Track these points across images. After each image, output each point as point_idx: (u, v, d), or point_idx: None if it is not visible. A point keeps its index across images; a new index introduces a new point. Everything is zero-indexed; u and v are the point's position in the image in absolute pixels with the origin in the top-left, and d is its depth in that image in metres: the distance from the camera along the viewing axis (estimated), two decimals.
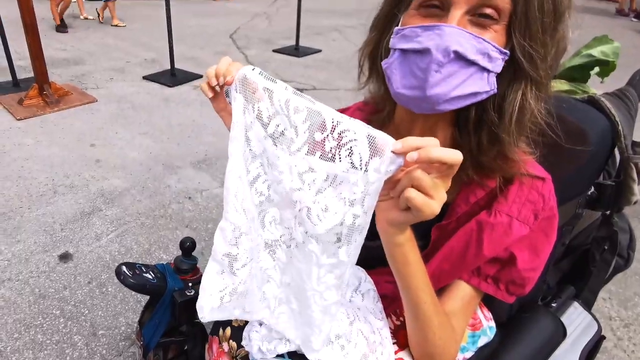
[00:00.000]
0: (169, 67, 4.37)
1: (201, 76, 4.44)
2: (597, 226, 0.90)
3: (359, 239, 0.52)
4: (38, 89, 3.67)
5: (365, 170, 0.47)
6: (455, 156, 0.44)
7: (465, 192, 0.65)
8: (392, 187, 0.48)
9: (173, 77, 4.34)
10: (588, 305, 0.91)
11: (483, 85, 0.56)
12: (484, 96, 0.58)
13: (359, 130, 0.47)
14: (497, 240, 0.62)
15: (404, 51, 0.57)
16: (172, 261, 1.01)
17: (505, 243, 0.62)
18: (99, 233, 2.22)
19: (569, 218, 0.80)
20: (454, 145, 0.66)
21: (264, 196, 0.62)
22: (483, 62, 0.55)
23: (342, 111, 0.86)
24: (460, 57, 0.54)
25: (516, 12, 0.53)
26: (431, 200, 0.46)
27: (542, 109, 0.60)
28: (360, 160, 0.47)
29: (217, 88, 0.61)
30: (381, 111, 0.72)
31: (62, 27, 5.97)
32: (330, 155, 0.50)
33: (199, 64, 4.84)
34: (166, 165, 2.84)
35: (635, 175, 0.76)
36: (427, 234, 0.67)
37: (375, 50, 0.67)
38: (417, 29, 0.56)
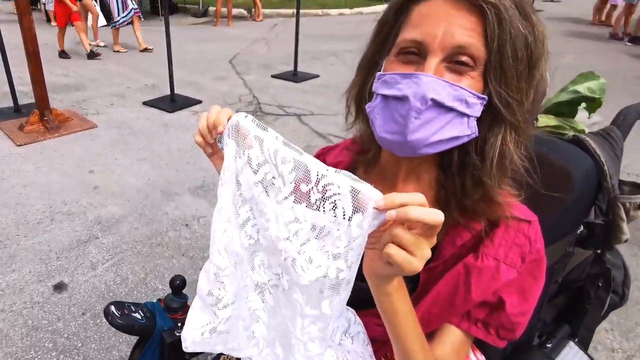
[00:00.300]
0: (169, 93, 4.43)
1: (201, 102, 4.49)
2: (590, 263, 0.90)
3: (344, 294, 0.51)
4: (39, 115, 3.71)
5: (349, 225, 0.47)
6: (435, 217, 0.44)
7: (451, 235, 0.65)
8: (377, 239, 0.49)
9: (173, 102, 4.39)
10: (584, 344, 0.90)
11: (463, 130, 0.58)
12: (466, 139, 0.59)
13: (342, 184, 0.47)
14: (485, 284, 0.61)
15: (385, 97, 0.59)
16: (163, 298, 1.00)
17: (494, 287, 0.62)
18: (94, 262, 2.20)
19: (560, 256, 0.80)
20: (438, 187, 0.66)
21: (254, 239, 0.62)
22: (461, 107, 0.56)
23: (331, 149, 0.86)
24: (437, 104, 0.55)
25: (491, 60, 0.55)
26: (412, 257, 0.46)
27: (522, 153, 0.61)
28: (344, 215, 0.48)
29: (210, 140, 0.62)
30: (368, 151, 0.72)
31: (64, 54, 6.14)
32: (315, 207, 0.50)
33: (198, 89, 4.90)
34: (164, 192, 2.85)
35: (623, 215, 0.77)
36: (416, 276, 0.67)
37: (360, 93, 0.68)
38: (396, 76, 0.58)
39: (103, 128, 3.83)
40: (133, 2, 6.38)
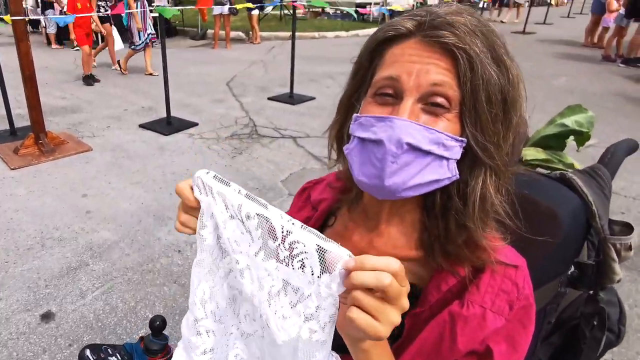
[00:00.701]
0: (165, 115, 4.44)
1: (197, 124, 4.51)
2: (584, 302, 0.87)
3: (320, 356, 0.49)
4: (34, 138, 3.71)
5: (318, 285, 0.46)
6: (388, 265, 0.44)
7: (436, 280, 0.63)
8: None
9: (169, 125, 4.40)
10: None
11: (443, 173, 0.57)
12: (446, 182, 0.58)
13: (308, 242, 0.46)
14: (472, 333, 0.59)
15: (362, 139, 0.58)
16: (143, 338, 0.97)
17: (480, 336, 0.59)
18: (84, 290, 2.16)
19: (552, 297, 0.78)
20: (422, 229, 0.65)
21: (237, 290, 0.61)
22: (439, 150, 0.55)
23: (316, 183, 0.85)
24: (414, 148, 0.55)
25: (465, 103, 0.55)
26: (376, 322, 0.44)
27: (503, 196, 0.59)
28: (312, 274, 0.46)
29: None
30: (350, 190, 0.71)
31: (91, 78, 6.02)
32: (285, 264, 0.48)
33: (195, 111, 4.92)
34: (157, 217, 2.82)
35: (614, 255, 0.75)
36: (401, 322, 0.65)
37: (340, 133, 0.68)
38: (371, 119, 0.57)
39: (98, 151, 3.83)
40: (151, 26, 6.30)
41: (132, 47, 6.38)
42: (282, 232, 0.47)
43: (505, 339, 0.60)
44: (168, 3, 5.98)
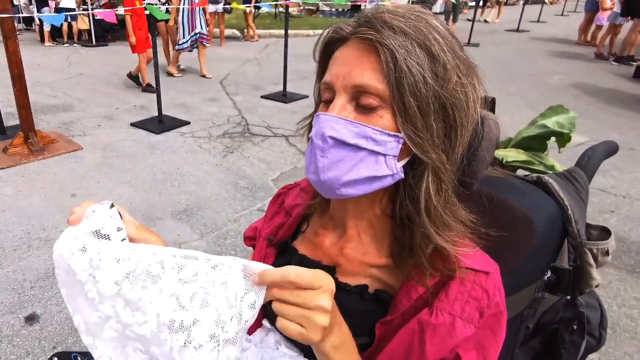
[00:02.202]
0: (157, 114, 4.41)
1: (189, 123, 4.48)
2: (564, 305, 0.86)
3: None
4: (23, 138, 3.67)
5: (241, 307, 0.46)
6: (287, 276, 0.46)
7: (407, 287, 0.61)
8: None
9: (161, 123, 4.37)
10: None
11: (380, 169, 0.56)
12: (390, 180, 0.57)
13: (232, 263, 0.46)
14: (441, 342, 0.58)
15: (309, 139, 0.61)
16: None
17: (450, 345, 0.58)
18: None
19: (529, 302, 0.77)
20: (392, 238, 0.63)
21: (119, 332, 0.54)
22: (369, 145, 0.55)
23: (291, 188, 0.84)
24: (339, 142, 0.55)
25: (393, 98, 0.54)
26: (302, 328, 0.47)
27: (449, 199, 0.58)
28: (236, 295, 0.46)
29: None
30: (318, 195, 0.70)
31: (150, 87, 5.45)
32: (204, 289, 0.47)
33: (188, 110, 4.89)
34: (146, 216, 2.80)
35: (591, 261, 0.73)
36: (372, 330, 0.63)
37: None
38: (315, 118, 0.60)
39: (88, 150, 3.79)
40: (202, 25, 5.81)
41: (177, 47, 5.93)
42: (205, 258, 0.47)
43: (475, 347, 0.59)
44: (159, 1, 5.78)
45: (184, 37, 5.79)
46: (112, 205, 0.56)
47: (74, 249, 0.51)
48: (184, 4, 5.53)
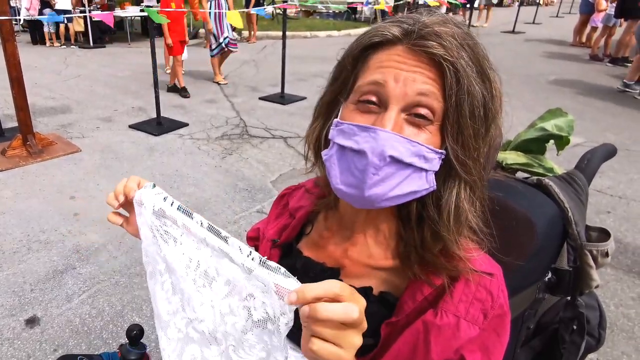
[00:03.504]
0: (155, 116, 4.41)
1: (187, 124, 4.48)
2: (563, 307, 0.87)
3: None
4: (22, 140, 3.66)
5: (279, 325, 0.46)
6: (345, 315, 0.43)
7: (412, 289, 0.62)
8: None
9: (159, 125, 4.37)
10: None
11: (422, 184, 0.57)
12: (424, 193, 0.58)
13: (267, 280, 0.46)
14: (445, 343, 0.59)
15: (342, 147, 0.57)
16: (119, 349, 0.95)
17: (454, 346, 0.59)
18: (70, 294, 2.14)
19: (530, 303, 0.78)
20: (398, 239, 0.65)
21: (183, 333, 0.59)
22: (419, 163, 0.55)
23: (295, 189, 0.84)
24: (396, 161, 0.54)
25: (448, 117, 0.54)
26: (339, 349, 0.44)
27: (478, 208, 0.59)
28: (274, 313, 0.47)
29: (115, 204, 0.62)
30: (327, 198, 0.71)
31: (185, 91, 5.51)
32: (246, 301, 0.48)
33: (186, 112, 4.89)
34: None
35: (591, 262, 0.75)
36: (377, 331, 0.64)
37: (319, 138, 0.66)
38: (354, 127, 0.56)
39: (87, 152, 3.79)
40: (229, 30, 5.64)
41: (210, 54, 5.85)
42: (244, 268, 0.47)
43: (480, 348, 0.60)
44: (157, 2, 5.76)
45: (216, 42, 5.67)
46: (154, 186, 0.57)
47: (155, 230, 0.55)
48: (210, 8, 5.37)
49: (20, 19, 7.93)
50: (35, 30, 8.75)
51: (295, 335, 0.70)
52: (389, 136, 0.53)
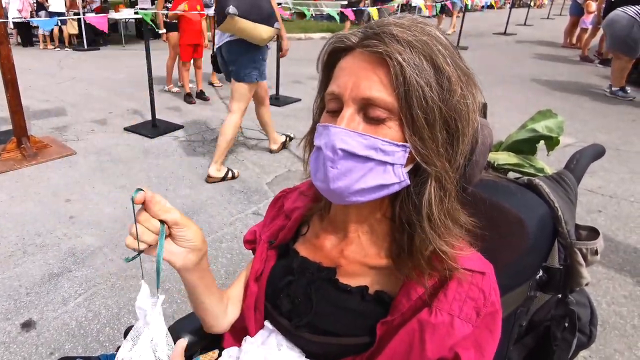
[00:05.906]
0: (151, 118, 4.41)
1: (182, 127, 4.48)
2: (555, 303, 0.89)
3: None
4: (16, 143, 3.65)
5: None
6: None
7: (406, 288, 0.64)
8: None
9: (154, 128, 4.37)
10: None
11: (389, 178, 0.59)
12: (396, 187, 0.60)
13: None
14: (440, 340, 0.60)
15: (316, 147, 0.62)
16: (117, 351, 0.95)
17: (449, 343, 0.61)
18: (66, 297, 2.14)
19: (522, 301, 0.80)
20: (391, 240, 0.66)
21: None
22: (378, 156, 0.57)
23: (290, 192, 0.86)
24: (349, 154, 0.57)
25: (402, 110, 0.56)
26: None
27: (451, 205, 0.61)
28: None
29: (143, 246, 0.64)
30: (320, 199, 0.73)
31: (190, 97, 5.32)
32: None
33: (181, 114, 4.89)
34: None
35: (581, 260, 0.77)
36: (373, 330, 0.66)
37: (311, 142, 0.70)
38: (320, 128, 0.62)
39: (82, 155, 3.78)
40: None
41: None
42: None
43: (473, 345, 0.62)
44: (152, 5, 5.77)
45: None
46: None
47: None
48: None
49: (7, 21, 7.90)
50: (26, 31, 8.71)
51: (295, 335, 0.72)
52: (338, 131, 0.58)
